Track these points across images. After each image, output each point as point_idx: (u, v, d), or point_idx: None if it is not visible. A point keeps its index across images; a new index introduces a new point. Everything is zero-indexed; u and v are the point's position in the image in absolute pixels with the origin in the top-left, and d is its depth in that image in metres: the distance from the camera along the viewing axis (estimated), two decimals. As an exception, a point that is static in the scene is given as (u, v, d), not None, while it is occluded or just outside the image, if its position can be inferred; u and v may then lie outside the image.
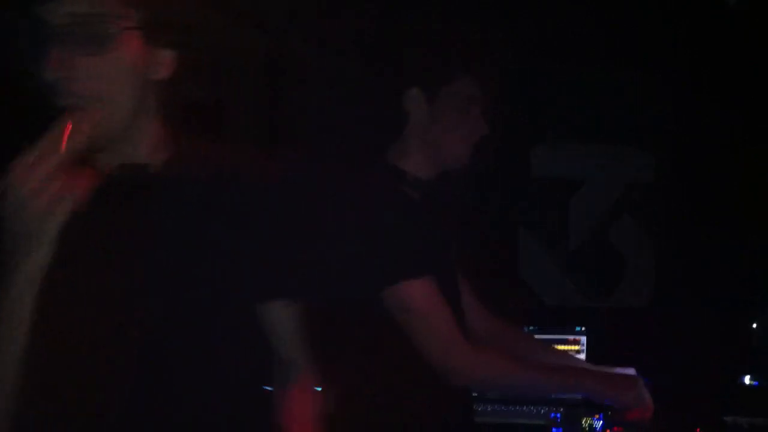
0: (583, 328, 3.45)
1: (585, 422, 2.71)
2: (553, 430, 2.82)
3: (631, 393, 2.24)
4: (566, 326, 3.47)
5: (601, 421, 2.70)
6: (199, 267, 1.46)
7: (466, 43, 2.24)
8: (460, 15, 2.19)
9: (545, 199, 4.07)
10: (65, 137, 1.26)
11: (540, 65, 3.67)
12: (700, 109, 3.75)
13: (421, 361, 2.14)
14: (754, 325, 3.30)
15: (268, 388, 1.64)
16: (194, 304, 1.46)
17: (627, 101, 3.80)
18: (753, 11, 3.50)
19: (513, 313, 3.61)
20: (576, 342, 3.43)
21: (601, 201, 4.07)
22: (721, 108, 3.69)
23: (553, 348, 2.91)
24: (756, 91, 3.61)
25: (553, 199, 4.07)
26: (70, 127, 1.27)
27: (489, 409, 2.94)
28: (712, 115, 3.71)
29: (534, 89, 3.70)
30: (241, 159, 1.55)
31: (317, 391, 1.66)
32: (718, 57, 3.66)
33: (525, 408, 2.96)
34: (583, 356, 3.41)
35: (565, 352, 3.09)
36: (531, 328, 3.46)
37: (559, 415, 2.86)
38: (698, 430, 2.62)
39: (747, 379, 3.16)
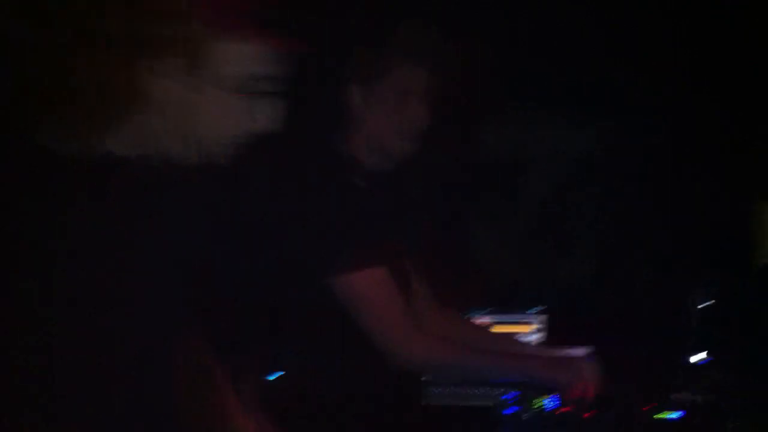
0: (538, 309, 3.48)
1: (536, 403, 2.73)
2: (505, 411, 2.84)
3: (569, 374, 2.28)
4: (521, 307, 3.50)
5: (554, 401, 2.72)
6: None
7: (404, 34, 2.25)
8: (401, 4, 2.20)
9: (492, 177, 4.09)
10: None
11: (484, 44, 3.67)
12: (644, 80, 3.76)
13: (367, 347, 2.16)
14: (698, 304, 3.33)
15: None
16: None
17: (572, 72, 3.81)
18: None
19: (468, 295, 3.65)
20: (531, 323, 3.46)
21: (547, 177, 4.09)
22: (665, 77, 3.71)
23: (500, 334, 2.95)
24: (704, 51, 3.63)
25: (500, 176, 4.10)
26: None
27: (441, 392, 2.96)
28: (657, 85, 3.73)
29: (478, 69, 3.69)
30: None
31: None
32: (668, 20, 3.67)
33: (477, 390, 2.98)
34: (538, 336, 3.44)
35: (512, 336, 3.13)
36: (486, 310, 3.48)
37: (510, 396, 2.88)
38: (653, 405, 2.66)
39: (698, 357, 3.20)
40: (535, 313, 3.50)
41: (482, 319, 3.40)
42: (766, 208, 3.55)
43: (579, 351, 2.50)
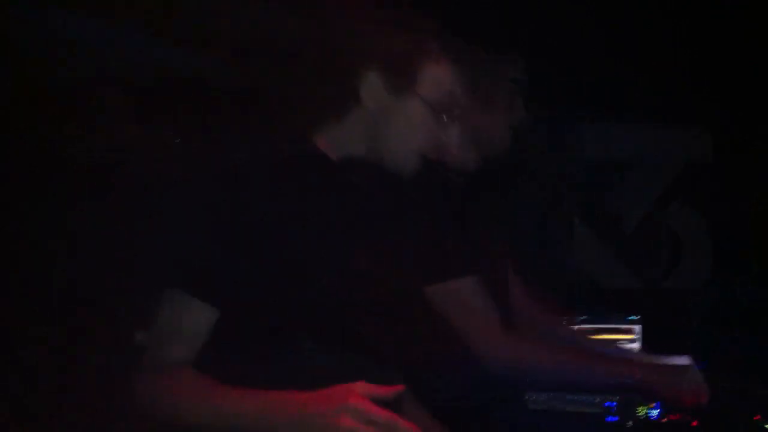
0: (638, 317, 3.41)
1: (641, 411, 2.68)
2: (608, 418, 2.79)
3: (679, 382, 2.23)
4: (620, 314, 3.44)
5: (657, 410, 2.67)
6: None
7: (507, 30, 2.25)
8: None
9: (599, 181, 4.05)
10: None
11: (592, 43, 3.63)
12: (758, 88, 3.69)
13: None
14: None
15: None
16: None
17: (683, 80, 3.75)
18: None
19: (567, 299, 3.61)
20: (630, 331, 3.40)
21: (657, 182, 4.03)
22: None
23: (601, 341, 2.90)
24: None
25: (607, 180, 4.05)
26: None
27: (543, 397, 2.93)
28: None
29: (586, 70, 3.66)
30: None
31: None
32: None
33: (579, 396, 2.94)
34: (638, 345, 3.38)
35: (616, 346, 3.07)
36: (584, 317, 3.44)
37: (614, 403, 2.84)
38: (758, 417, 2.59)
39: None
40: (633, 322, 3.44)
41: (578, 327, 3.36)
42: None
43: (683, 359, 2.45)
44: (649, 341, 3.36)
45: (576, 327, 3.32)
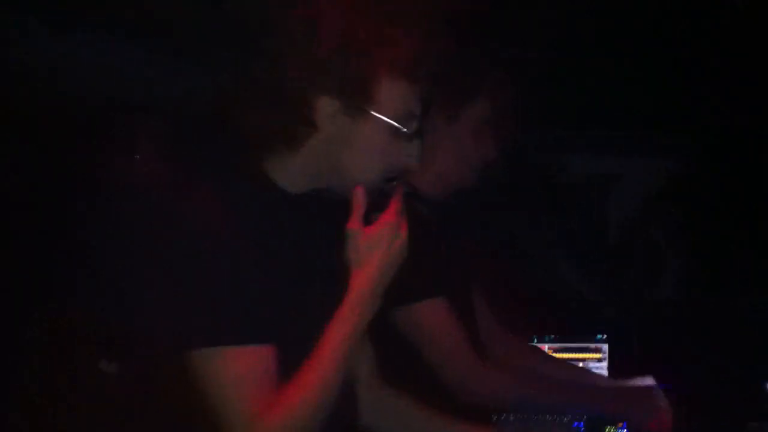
0: (605, 336, 3.44)
1: (608, 431, 2.70)
2: (577, 439, 2.81)
3: (643, 407, 2.25)
4: (587, 334, 3.46)
5: (624, 430, 2.69)
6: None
7: (486, 67, 2.26)
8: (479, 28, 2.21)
9: (575, 197, 4.07)
10: None
11: (569, 57, 3.65)
12: (737, 99, 3.72)
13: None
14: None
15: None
16: None
17: (663, 90, 3.77)
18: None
19: (533, 319, 3.63)
20: (597, 350, 3.42)
21: (636, 197, 4.05)
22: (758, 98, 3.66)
23: (569, 364, 2.92)
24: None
25: (583, 197, 4.08)
26: None
27: (510, 419, 2.93)
28: (750, 106, 3.69)
29: (567, 82, 3.68)
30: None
31: None
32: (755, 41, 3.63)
33: (547, 417, 2.94)
34: (605, 364, 3.40)
35: (581, 368, 3.09)
36: (551, 336, 3.46)
37: (582, 424, 2.85)
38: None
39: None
40: (600, 341, 3.46)
41: (546, 347, 3.38)
42: None
43: (648, 381, 2.47)
44: (615, 361, 3.38)
45: (545, 347, 3.34)
